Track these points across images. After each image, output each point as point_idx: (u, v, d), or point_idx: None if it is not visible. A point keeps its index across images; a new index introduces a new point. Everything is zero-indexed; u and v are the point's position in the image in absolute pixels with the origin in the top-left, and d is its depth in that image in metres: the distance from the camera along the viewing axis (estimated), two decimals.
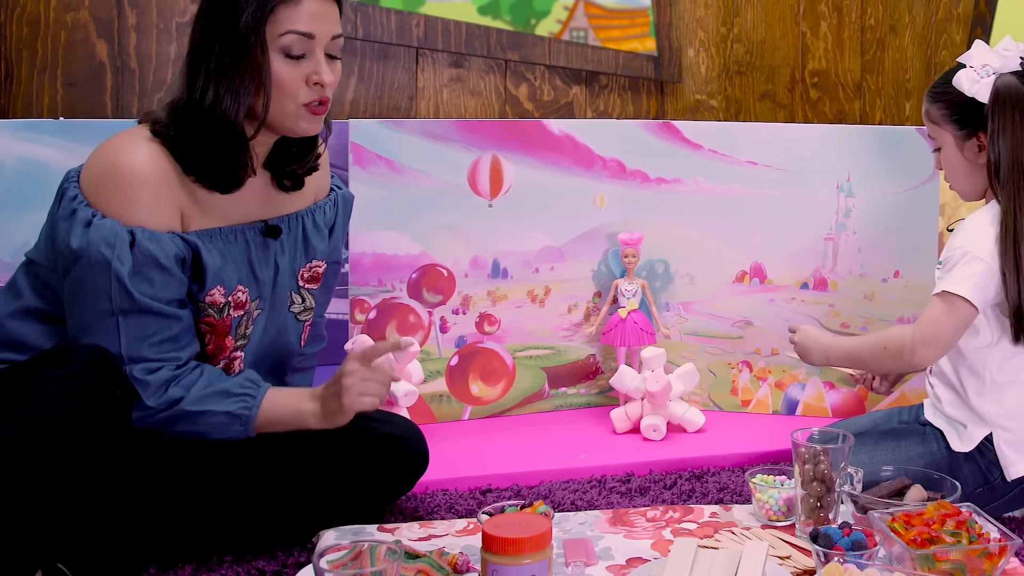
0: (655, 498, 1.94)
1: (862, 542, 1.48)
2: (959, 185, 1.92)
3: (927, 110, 1.90)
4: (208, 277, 1.63)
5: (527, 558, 1.31)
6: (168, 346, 1.59)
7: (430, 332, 2.32)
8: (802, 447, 1.68)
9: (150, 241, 1.56)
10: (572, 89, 2.78)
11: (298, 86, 1.60)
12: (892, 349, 1.82)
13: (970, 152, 1.86)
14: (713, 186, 2.39)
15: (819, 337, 1.96)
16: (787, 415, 2.40)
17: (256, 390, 1.63)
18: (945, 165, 1.91)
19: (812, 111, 2.92)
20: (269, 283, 1.73)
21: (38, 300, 1.63)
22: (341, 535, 1.68)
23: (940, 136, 1.89)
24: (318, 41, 1.60)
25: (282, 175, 1.73)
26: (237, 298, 1.68)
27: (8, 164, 1.98)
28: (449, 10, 2.65)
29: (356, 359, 1.62)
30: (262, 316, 1.75)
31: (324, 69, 1.61)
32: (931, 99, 1.89)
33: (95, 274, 1.55)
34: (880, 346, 1.85)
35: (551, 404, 2.44)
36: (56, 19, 2.32)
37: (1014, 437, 1.82)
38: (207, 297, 1.64)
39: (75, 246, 1.54)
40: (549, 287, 2.41)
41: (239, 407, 1.60)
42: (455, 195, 2.30)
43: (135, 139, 1.60)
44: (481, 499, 1.94)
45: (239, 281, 1.68)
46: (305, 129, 1.65)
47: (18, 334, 1.62)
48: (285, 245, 1.74)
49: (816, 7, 2.90)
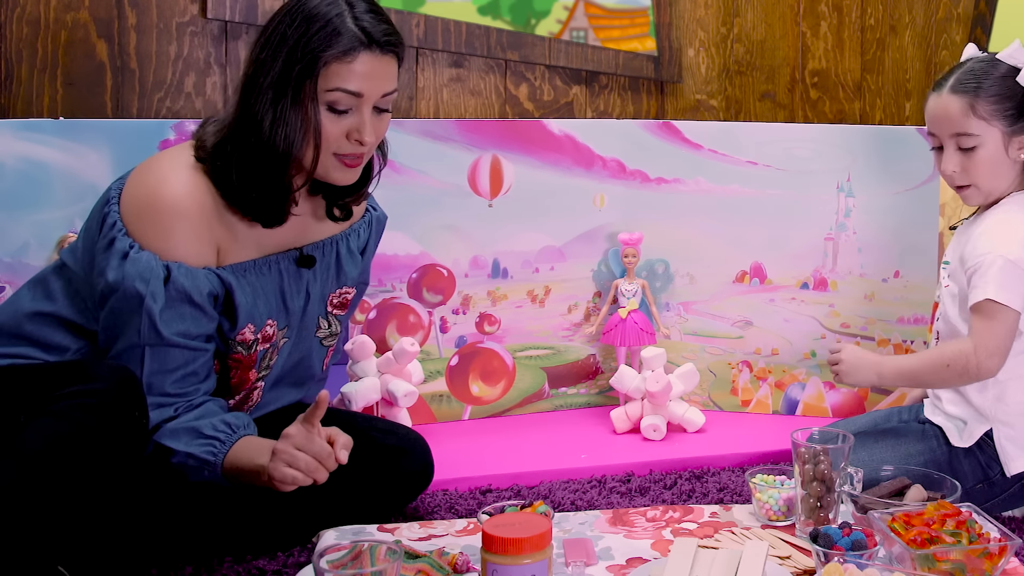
0: (655, 498, 1.94)
1: (862, 542, 1.48)
2: (992, 184, 1.86)
3: (971, 105, 1.82)
4: (240, 316, 1.63)
5: (527, 558, 1.31)
6: (190, 380, 1.60)
7: (430, 332, 2.32)
8: (802, 447, 1.68)
9: (185, 277, 1.56)
10: (572, 89, 2.78)
11: (337, 139, 1.60)
12: (956, 366, 1.78)
13: (1015, 149, 1.84)
14: (713, 186, 2.39)
15: (867, 355, 1.90)
16: (787, 415, 2.40)
17: (229, 436, 1.57)
18: (981, 163, 1.83)
19: (812, 111, 2.92)
20: (299, 312, 1.73)
21: (72, 311, 1.64)
22: (341, 535, 1.68)
23: (985, 133, 1.82)
24: (366, 99, 1.59)
25: (333, 205, 1.73)
26: (266, 333, 1.68)
27: (8, 164, 1.98)
28: (449, 10, 2.65)
29: (298, 422, 1.53)
30: (288, 344, 1.74)
31: (367, 128, 1.60)
32: (978, 94, 1.82)
33: (128, 307, 1.56)
34: (942, 364, 1.80)
35: (551, 404, 2.44)
36: (56, 19, 2.32)
37: (1015, 433, 1.82)
38: (238, 336, 1.64)
39: (111, 279, 1.55)
40: (549, 287, 2.41)
41: (204, 451, 1.56)
42: (455, 195, 2.30)
43: (178, 165, 1.60)
44: (481, 499, 1.94)
45: (269, 315, 1.68)
46: (337, 179, 1.64)
47: (43, 335, 1.62)
48: (318, 272, 1.74)
49: (816, 7, 2.89)
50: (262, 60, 1.58)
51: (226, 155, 1.59)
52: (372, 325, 2.26)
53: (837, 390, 2.38)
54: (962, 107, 1.83)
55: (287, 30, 1.57)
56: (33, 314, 1.63)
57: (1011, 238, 1.79)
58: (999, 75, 1.83)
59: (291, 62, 1.56)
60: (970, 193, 1.88)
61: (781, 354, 2.40)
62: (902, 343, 2.33)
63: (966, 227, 1.93)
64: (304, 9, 1.58)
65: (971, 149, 1.83)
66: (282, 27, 1.58)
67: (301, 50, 1.56)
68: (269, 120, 1.57)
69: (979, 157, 1.83)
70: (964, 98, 1.83)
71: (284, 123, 1.56)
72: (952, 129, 1.84)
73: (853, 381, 1.91)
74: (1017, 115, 1.83)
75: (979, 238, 1.82)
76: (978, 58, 1.89)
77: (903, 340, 2.33)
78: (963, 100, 1.83)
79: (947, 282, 1.91)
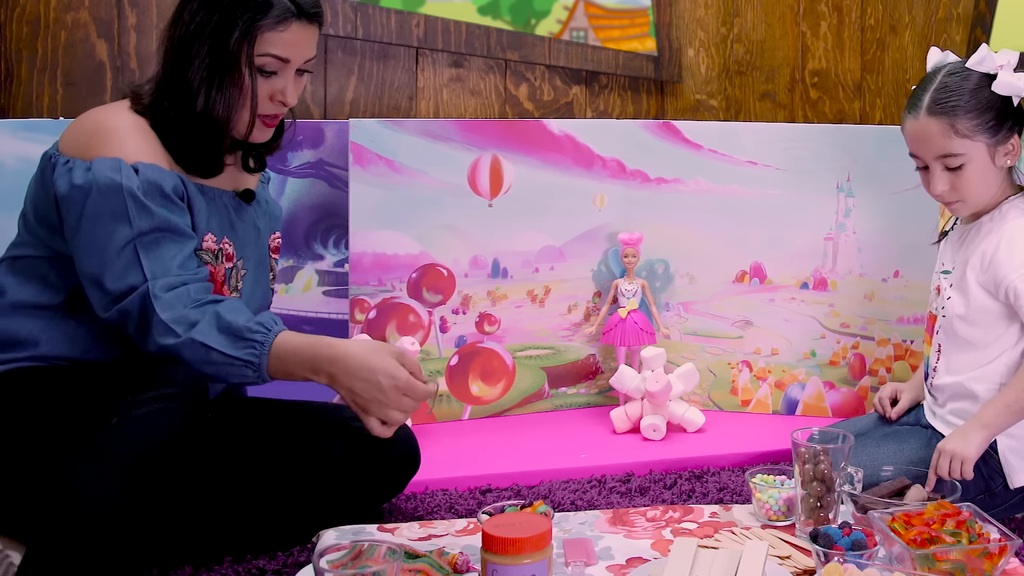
0: (655, 498, 1.94)
1: (862, 542, 1.48)
2: (983, 197, 1.84)
3: (951, 125, 1.79)
4: (198, 221, 1.66)
5: (527, 558, 1.31)
6: (190, 265, 1.60)
7: (430, 332, 2.32)
8: (802, 447, 1.68)
9: (151, 171, 1.59)
10: (572, 89, 2.78)
11: (263, 101, 1.68)
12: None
13: (1001, 157, 1.82)
14: (713, 186, 2.39)
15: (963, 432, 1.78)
16: (787, 415, 2.40)
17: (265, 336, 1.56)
18: (970, 180, 1.81)
19: (812, 111, 2.92)
20: (251, 244, 1.78)
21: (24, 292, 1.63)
22: (341, 535, 1.68)
23: (971, 151, 1.80)
24: (292, 64, 1.68)
25: (249, 156, 1.78)
26: (225, 249, 1.71)
27: (8, 164, 1.98)
28: (449, 10, 2.65)
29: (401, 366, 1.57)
30: (249, 277, 1.78)
31: (291, 91, 1.69)
32: (956, 113, 1.79)
33: (106, 201, 1.55)
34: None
35: (551, 404, 2.44)
36: (56, 19, 2.32)
37: (1019, 445, 1.82)
38: (202, 243, 1.67)
39: (80, 182, 1.56)
40: (549, 287, 2.41)
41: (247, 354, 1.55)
42: (455, 195, 2.30)
43: (117, 106, 1.66)
44: (481, 499, 1.94)
45: (224, 235, 1.72)
46: (255, 137, 1.72)
47: (10, 331, 1.62)
48: (258, 212, 1.81)
49: (816, 7, 2.89)
50: (196, 24, 1.64)
51: (163, 113, 1.64)
52: (372, 325, 2.26)
53: (837, 390, 2.38)
54: (942, 129, 1.79)
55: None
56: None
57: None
58: (973, 87, 1.80)
59: (227, 28, 1.63)
60: (959, 207, 1.86)
61: (781, 354, 2.40)
62: (902, 343, 2.33)
63: (962, 234, 1.91)
64: None
65: (959, 168, 1.81)
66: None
67: (238, 17, 1.63)
68: (207, 88, 1.63)
69: (967, 174, 1.81)
70: (943, 119, 1.79)
71: (222, 92, 1.64)
72: (936, 152, 1.82)
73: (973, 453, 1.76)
74: (998, 124, 1.80)
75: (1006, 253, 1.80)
76: (948, 70, 1.83)
77: (903, 340, 2.33)
78: (942, 122, 1.79)
79: (949, 293, 1.88)
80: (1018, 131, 1.84)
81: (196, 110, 1.63)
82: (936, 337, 1.92)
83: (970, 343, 1.85)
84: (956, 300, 1.86)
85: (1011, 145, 1.83)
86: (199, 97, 1.63)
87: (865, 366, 2.36)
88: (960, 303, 1.86)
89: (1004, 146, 1.82)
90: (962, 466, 1.74)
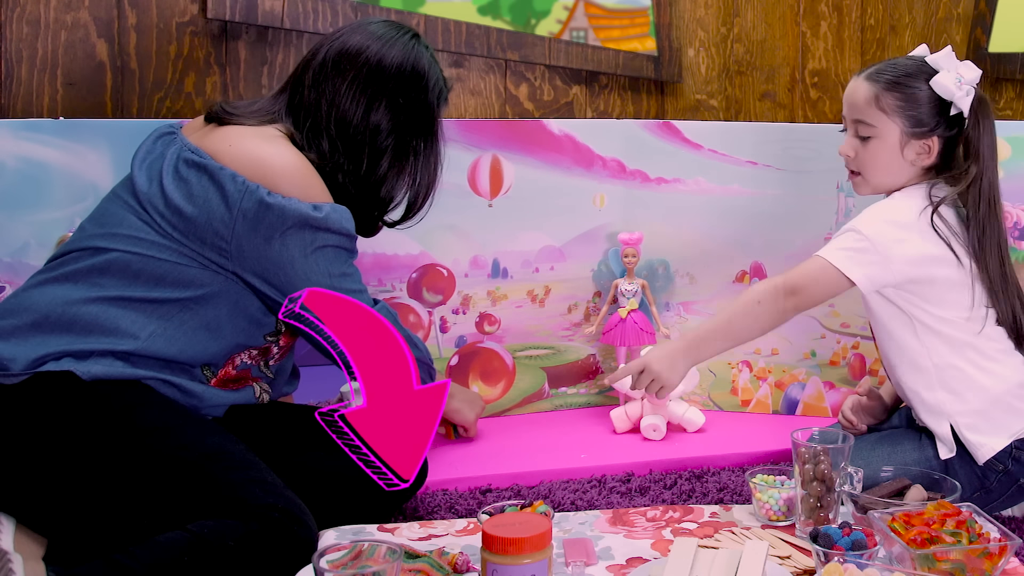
0: (655, 498, 1.94)
1: (862, 542, 1.48)
2: (880, 179, 1.88)
3: (876, 96, 1.83)
4: None
5: (527, 558, 1.31)
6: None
7: (430, 332, 2.32)
8: (802, 447, 1.68)
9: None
10: (572, 89, 2.78)
11: None
12: (766, 301, 1.83)
13: (911, 152, 1.85)
14: (713, 186, 2.39)
15: (668, 346, 1.87)
16: (787, 415, 2.40)
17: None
18: (872, 155, 1.86)
19: (812, 111, 2.92)
20: None
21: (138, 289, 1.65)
22: (341, 535, 1.68)
23: (883, 126, 1.84)
24: None
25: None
26: None
27: (8, 164, 1.98)
28: (449, 10, 2.65)
29: None
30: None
31: None
32: (887, 87, 1.83)
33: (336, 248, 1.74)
34: (753, 301, 1.84)
35: (551, 404, 2.44)
36: (56, 19, 2.32)
37: (971, 421, 1.82)
38: None
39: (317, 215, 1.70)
40: (549, 287, 2.41)
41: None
42: (455, 195, 2.30)
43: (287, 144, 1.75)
44: (481, 499, 1.94)
45: None
46: None
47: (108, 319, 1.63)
48: None
49: (816, 7, 2.89)
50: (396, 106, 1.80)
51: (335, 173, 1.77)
52: None
53: (837, 390, 2.38)
54: (868, 95, 1.85)
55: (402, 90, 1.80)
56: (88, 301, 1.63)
57: (874, 216, 1.82)
58: (914, 72, 1.83)
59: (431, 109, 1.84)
60: (858, 181, 1.91)
61: (781, 354, 2.40)
62: None
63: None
64: (413, 67, 1.80)
65: (867, 138, 1.86)
66: (392, 85, 1.79)
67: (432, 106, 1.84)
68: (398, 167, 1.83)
69: (872, 148, 1.86)
70: (873, 87, 1.84)
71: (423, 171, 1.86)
72: (854, 114, 1.87)
73: (676, 381, 1.86)
74: (919, 120, 1.83)
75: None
76: (910, 54, 1.89)
77: None
78: (871, 88, 1.84)
79: None
80: (943, 139, 1.84)
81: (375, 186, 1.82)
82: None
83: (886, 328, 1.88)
84: None
85: (926, 145, 1.84)
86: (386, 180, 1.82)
87: (865, 366, 2.36)
88: None
89: (918, 142, 1.84)
90: (660, 390, 1.85)
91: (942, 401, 1.83)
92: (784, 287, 1.82)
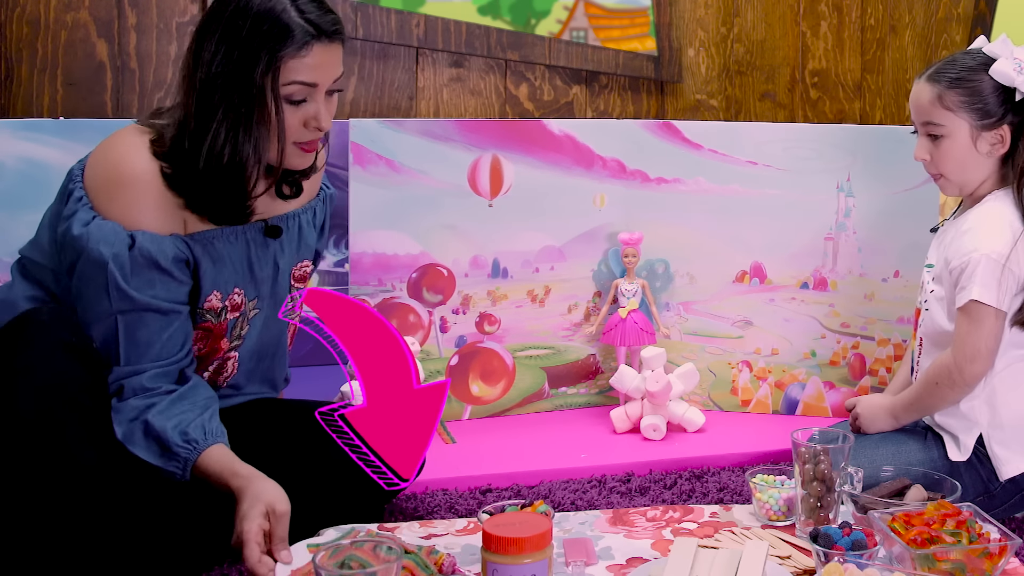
0: (655, 498, 1.94)
1: (862, 542, 1.48)
2: (961, 176, 1.87)
3: (940, 95, 1.83)
4: (204, 283, 1.65)
5: (527, 558, 1.31)
6: (170, 344, 1.61)
7: (430, 332, 2.32)
8: (802, 447, 1.68)
9: (150, 243, 1.58)
10: (572, 89, 2.78)
11: (297, 129, 1.63)
12: (943, 382, 1.81)
13: (984, 144, 1.84)
14: (713, 186, 2.39)
15: (878, 401, 1.95)
16: (787, 415, 2.40)
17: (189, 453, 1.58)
18: (947, 154, 1.85)
19: (812, 111, 2.92)
20: (268, 282, 1.75)
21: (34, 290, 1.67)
22: (341, 535, 1.68)
23: (951, 124, 1.84)
24: (320, 87, 1.63)
25: (283, 182, 1.74)
26: (233, 301, 1.70)
27: (8, 164, 1.98)
28: (449, 10, 2.65)
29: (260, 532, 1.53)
30: (259, 316, 1.77)
31: (324, 114, 1.64)
32: (949, 85, 1.83)
33: (94, 273, 1.57)
34: (931, 383, 1.84)
35: (551, 404, 2.44)
36: (56, 19, 2.32)
37: (1005, 436, 1.82)
38: (205, 303, 1.66)
39: (76, 233, 1.57)
40: (549, 287, 2.41)
41: (172, 466, 1.59)
42: (455, 195, 2.30)
43: (141, 147, 1.62)
44: (481, 499, 1.94)
45: (236, 284, 1.70)
46: (296, 164, 1.68)
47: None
48: (284, 245, 1.76)
49: (816, 7, 2.90)
50: (216, 64, 1.59)
51: (186, 161, 1.61)
52: None
53: (837, 390, 2.38)
54: (931, 96, 1.85)
55: (236, 30, 1.58)
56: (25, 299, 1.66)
57: (993, 234, 1.80)
58: (973, 66, 1.83)
59: (249, 64, 1.58)
60: (943, 183, 1.90)
61: (781, 354, 2.40)
62: (902, 342, 2.33)
63: (947, 228, 1.92)
64: (249, 7, 1.59)
65: (938, 138, 1.85)
66: (230, 26, 1.59)
67: (258, 50, 1.58)
68: (234, 135, 1.59)
69: (945, 147, 1.85)
70: (935, 88, 1.84)
71: (249, 134, 1.60)
72: (922, 117, 1.87)
73: (876, 430, 1.93)
74: (985, 111, 1.83)
75: (963, 236, 1.82)
76: (966, 50, 1.89)
77: (903, 340, 2.33)
78: (934, 89, 1.85)
79: (932, 286, 1.89)
80: (1012, 125, 1.84)
81: (223, 161, 1.60)
82: (919, 331, 1.94)
83: (948, 337, 1.85)
84: (937, 293, 1.88)
85: (998, 135, 1.84)
86: (226, 146, 1.60)
87: (865, 366, 2.36)
88: (940, 296, 1.87)
89: (989, 133, 1.84)
90: (859, 430, 1.94)
91: (977, 411, 1.83)
92: (956, 365, 1.80)
